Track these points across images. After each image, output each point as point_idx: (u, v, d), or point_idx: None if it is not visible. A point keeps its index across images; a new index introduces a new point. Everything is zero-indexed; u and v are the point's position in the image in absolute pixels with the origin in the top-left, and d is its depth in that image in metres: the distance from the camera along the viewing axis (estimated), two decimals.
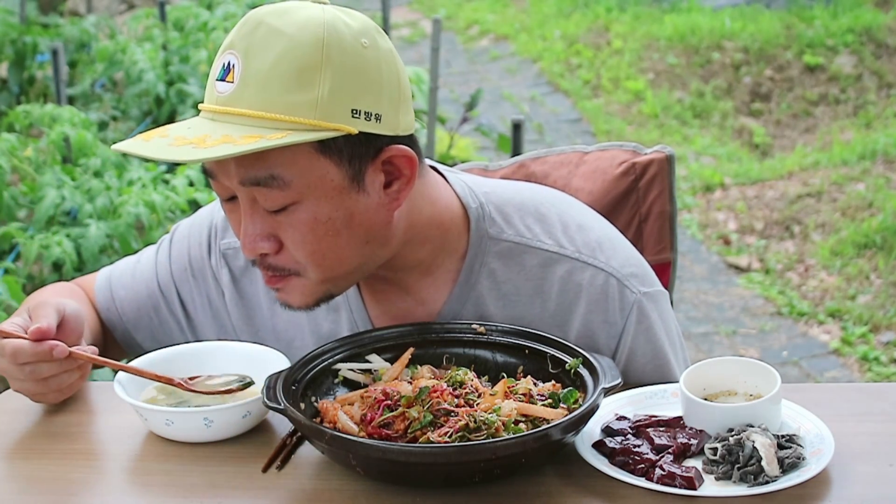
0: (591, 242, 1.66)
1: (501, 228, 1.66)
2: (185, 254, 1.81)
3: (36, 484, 1.47)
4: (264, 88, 1.43)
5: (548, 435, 1.37)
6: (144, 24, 6.54)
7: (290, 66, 1.43)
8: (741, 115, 7.48)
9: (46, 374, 1.57)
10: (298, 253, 1.51)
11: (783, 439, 1.43)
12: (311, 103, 1.43)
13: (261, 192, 1.47)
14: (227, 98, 1.45)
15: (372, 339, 1.63)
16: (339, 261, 1.53)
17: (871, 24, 8.21)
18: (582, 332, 1.63)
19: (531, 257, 1.64)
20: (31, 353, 1.55)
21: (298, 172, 1.46)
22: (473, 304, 1.66)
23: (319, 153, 1.46)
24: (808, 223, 5.69)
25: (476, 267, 1.65)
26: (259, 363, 1.63)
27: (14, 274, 3.62)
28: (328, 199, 1.48)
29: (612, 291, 1.63)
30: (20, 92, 6.32)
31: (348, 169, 1.48)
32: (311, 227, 1.49)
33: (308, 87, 1.43)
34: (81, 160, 4.12)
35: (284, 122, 1.42)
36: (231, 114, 1.44)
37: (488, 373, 1.60)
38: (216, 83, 1.47)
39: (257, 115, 1.43)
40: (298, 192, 1.47)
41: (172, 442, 1.54)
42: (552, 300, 1.64)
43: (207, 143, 1.41)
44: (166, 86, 5.68)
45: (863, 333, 4.67)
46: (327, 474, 1.46)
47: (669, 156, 1.94)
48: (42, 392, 1.60)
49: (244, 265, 1.77)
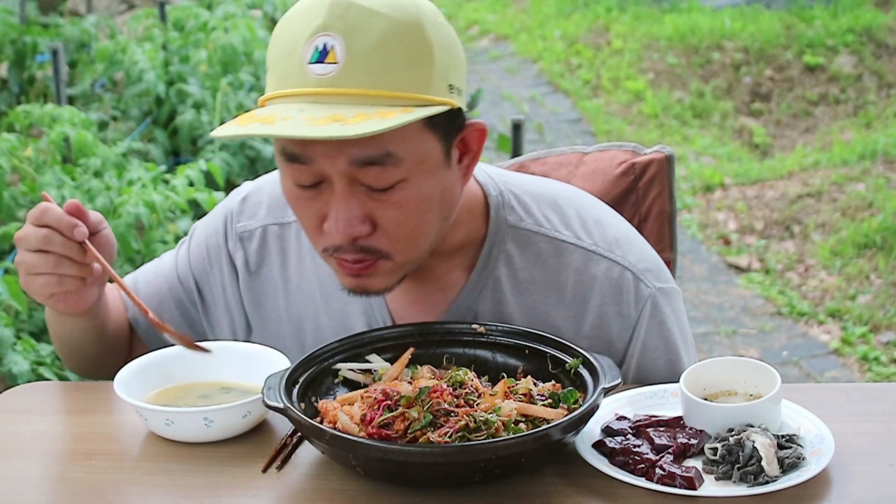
0: (608, 237, 1.67)
1: (520, 217, 1.67)
2: (202, 244, 1.82)
3: (36, 484, 1.47)
4: (377, 68, 1.43)
5: (548, 435, 1.37)
6: (144, 24, 6.53)
7: (397, 44, 1.44)
8: (741, 115, 7.48)
9: (56, 249, 1.55)
10: (397, 232, 1.51)
11: (783, 439, 1.43)
12: (421, 79, 1.45)
13: (371, 172, 1.46)
14: (334, 79, 1.43)
15: (372, 339, 1.63)
16: (427, 239, 1.55)
17: (871, 24, 8.21)
18: (596, 322, 1.64)
19: (549, 246, 1.66)
20: (54, 218, 1.54)
21: (409, 149, 1.47)
22: (491, 291, 1.66)
23: (427, 128, 1.48)
24: (808, 223, 5.69)
25: (494, 253, 1.66)
26: (259, 363, 1.63)
27: (14, 274, 3.61)
28: (430, 175, 1.51)
29: (627, 284, 1.64)
30: (20, 92, 6.32)
31: (444, 143, 1.51)
32: (416, 205, 1.50)
33: (419, 64, 1.45)
34: (81, 160, 4.12)
35: (397, 98, 1.43)
36: (342, 94, 1.43)
37: (488, 373, 1.60)
38: (310, 66, 1.44)
39: (370, 93, 1.43)
40: (407, 169, 1.48)
41: (172, 442, 1.54)
42: (568, 290, 1.65)
43: (349, 121, 1.39)
44: (166, 86, 5.68)
45: (863, 333, 4.67)
46: (327, 474, 1.46)
47: (669, 156, 1.95)
48: (39, 269, 1.57)
49: (259, 248, 1.77)
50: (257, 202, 1.80)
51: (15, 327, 3.41)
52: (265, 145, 5.58)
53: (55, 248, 1.56)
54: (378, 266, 1.54)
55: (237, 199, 1.82)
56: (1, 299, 3.36)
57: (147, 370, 1.64)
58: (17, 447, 1.57)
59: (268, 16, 7.39)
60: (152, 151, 5.41)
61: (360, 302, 1.70)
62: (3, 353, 3.24)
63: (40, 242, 1.55)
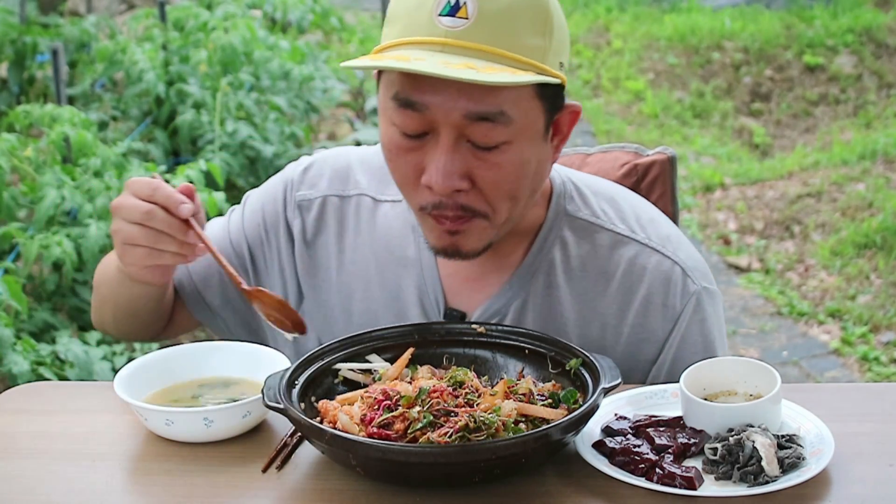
0: (661, 233, 1.72)
1: (578, 207, 1.73)
2: (258, 212, 1.84)
3: (36, 484, 1.47)
4: (504, 29, 1.49)
5: (548, 435, 1.37)
6: (144, 24, 6.53)
7: (525, 10, 1.50)
8: (741, 115, 7.49)
9: (157, 225, 1.58)
10: (492, 193, 1.56)
11: (783, 439, 1.43)
12: (543, 49, 1.51)
13: (481, 128, 1.51)
14: (463, 32, 1.48)
15: (372, 338, 1.63)
16: (517, 206, 1.60)
17: (871, 24, 8.21)
18: (640, 311, 1.68)
19: (603, 237, 1.71)
20: (164, 195, 1.58)
21: (521, 113, 1.52)
22: (544, 274, 1.71)
23: (538, 97, 1.54)
24: (808, 223, 5.69)
25: (550, 238, 1.71)
26: (259, 363, 1.63)
27: (14, 274, 3.62)
28: (532, 142, 1.56)
29: (675, 278, 1.68)
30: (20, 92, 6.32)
31: (548, 117, 1.57)
32: (515, 168, 1.55)
33: (540, 33, 1.51)
34: (81, 160, 4.12)
35: (519, 62, 1.49)
36: (469, 47, 1.48)
37: (488, 373, 1.60)
38: (440, 18, 1.49)
39: (496, 51, 1.48)
40: (514, 132, 1.52)
41: (172, 442, 1.54)
42: (616, 279, 1.69)
43: (482, 70, 1.45)
44: (166, 86, 5.68)
45: (863, 333, 4.67)
46: (327, 474, 1.46)
47: (671, 157, 1.97)
48: (138, 241, 1.60)
49: (317, 217, 1.81)
50: (319, 174, 1.83)
51: (15, 327, 3.41)
52: (265, 145, 5.59)
53: (156, 224, 1.59)
54: (473, 223, 1.59)
55: (298, 170, 1.85)
56: (1, 299, 3.36)
57: (147, 370, 1.64)
58: (17, 447, 1.56)
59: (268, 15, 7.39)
60: (152, 151, 5.41)
61: (414, 276, 1.73)
62: (3, 353, 3.24)
63: (142, 216, 1.59)
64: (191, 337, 4.42)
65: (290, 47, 6.48)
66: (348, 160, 1.84)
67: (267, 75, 6.11)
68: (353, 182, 1.81)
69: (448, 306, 1.73)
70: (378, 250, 1.76)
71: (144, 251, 1.61)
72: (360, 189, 1.81)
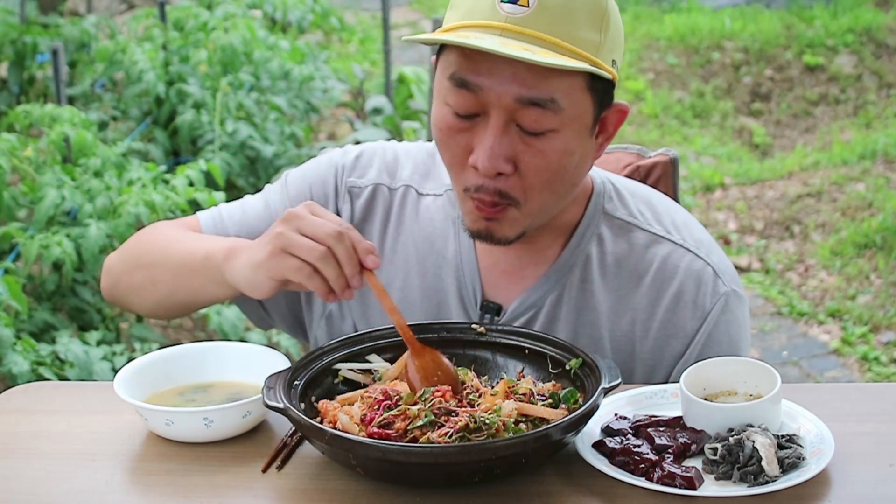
0: (695, 237, 1.76)
1: (616, 206, 1.77)
2: (305, 191, 1.85)
3: (36, 484, 1.47)
4: (561, 19, 1.53)
5: (548, 435, 1.37)
6: (144, 24, 6.53)
7: (583, 5, 1.55)
8: (741, 115, 7.48)
9: (337, 250, 1.51)
10: (534, 179, 1.59)
11: (783, 439, 1.43)
12: (597, 43, 1.56)
13: (531, 113, 1.55)
14: (522, 19, 1.53)
15: (372, 338, 1.63)
16: (555, 197, 1.64)
17: (871, 24, 8.21)
18: (670, 307, 1.70)
19: (639, 236, 1.75)
20: (357, 236, 1.53)
21: (571, 102, 1.56)
22: (580, 268, 1.74)
23: (588, 90, 1.57)
24: (808, 223, 5.69)
25: (588, 234, 1.75)
26: (259, 363, 1.63)
27: (14, 274, 3.61)
28: (578, 135, 1.59)
29: (706, 278, 1.71)
30: (20, 92, 6.32)
31: (596, 112, 1.61)
32: (559, 156, 1.58)
33: (596, 28, 1.56)
34: (81, 160, 4.12)
35: (576, 53, 1.53)
36: (527, 34, 1.52)
37: (488, 373, 1.60)
38: (501, 4, 1.54)
39: (552, 40, 1.52)
40: (563, 121, 1.56)
41: (172, 442, 1.54)
42: (649, 276, 1.72)
43: (538, 52, 1.50)
44: (166, 86, 5.68)
45: (863, 333, 4.67)
46: (327, 474, 1.46)
47: (674, 159, 1.99)
48: (304, 255, 1.51)
49: (365, 204, 1.83)
50: (368, 163, 1.86)
51: (15, 327, 3.41)
52: (265, 145, 5.59)
53: (338, 249, 1.52)
54: (507, 212, 1.62)
55: (349, 157, 1.86)
56: (1, 299, 3.36)
57: (147, 370, 1.64)
58: (17, 447, 1.56)
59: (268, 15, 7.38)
60: (152, 151, 5.41)
61: (453, 268, 1.76)
62: (3, 353, 3.24)
63: (328, 236, 1.51)
64: (191, 337, 4.43)
65: (290, 47, 6.48)
66: (395, 153, 1.87)
67: (267, 75, 6.11)
68: (400, 174, 1.85)
69: (485, 298, 1.76)
70: (419, 242, 1.79)
71: (303, 268, 1.52)
72: (406, 181, 1.84)
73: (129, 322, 4.13)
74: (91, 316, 4.00)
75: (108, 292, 1.89)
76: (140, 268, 1.81)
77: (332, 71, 7.17)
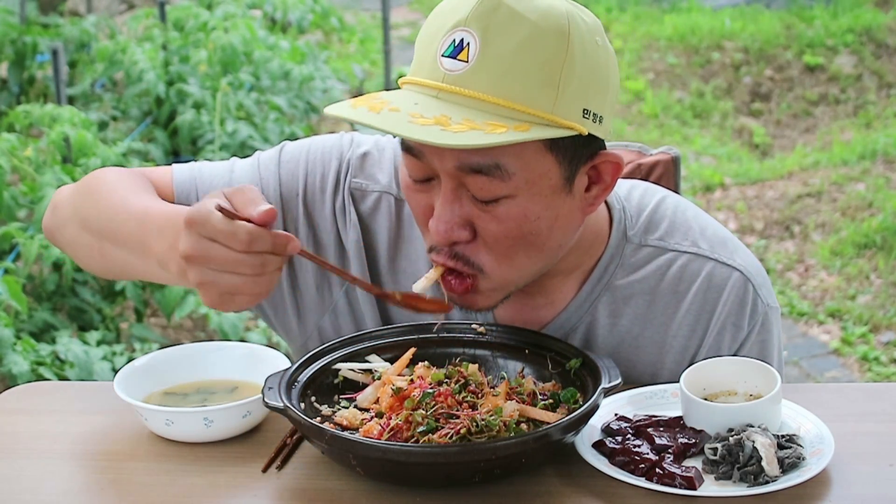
0: (727, 244, 1.67)
1: (640, 231, 1.66)
2: (300, 178, 1.71)
3: (36, 484, 1.47)
4: (505, 75, 1.38)
5: (548, 435, 1.37)
6: (144, 24, 6.53)
7: (534, 55, 1.39)
8: (741, 115, 7.48)
9: (271, 269, 1.37)
10: (494, 246, 1.47)
11: (783, 439, 1.43)
12: (551, 98, 1.39)
13: (476, 180, 1.42)
14: (459, 77, 1.39)
15: (372, 338, 1.63)
16: (529, 261, 1.50)
17: (871, 24, 8.21)
18: (718, 328, 1.63)
19: (669, 259, 1.65)
20: (270, 242, 1.35)
21: (522, 166, 1.42)
22: (606, 304, 1.64)
23: (547, 150, 1.43)
24: (808, 223, 5.69)
25: (611, 268, 1.65)
26: (259, 363, 1.63)
27: (14, 274, 3.62)
28: (542, 197, 1.45)
29: (748, 297, 1.63)
30: (20, 92, 6.32)
31: (566, 169, 1.46)
32: (518, 223, 1.46)
33: (550, 81, 1.39)
34: (81, 160, 4.12)
35: (523, 112, 1.38)
36: (463, 94, 1.39)
37: (489, 373, 1.60)
38: (442, 59, 1.41)
39: (494, 100, 1.38)
40: (516, 186, 1.43)
41: (172, 442, 1.54)
42: (688, 299, 1.64)
43: (452, 126, 1.35)
44: (166, 86, 5.68)
45: (863, 333, 4.67)
46: (327, 474, 1.46)
47: (675, 157, 1.95)
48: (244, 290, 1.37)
49: (370, 211, 1.70)
50: (378, 165, 1.72)
51: (15, 327, 3.41)
52: (265, 145, 5.58)
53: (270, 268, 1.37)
54: (477, 284, 1.51)
55: (357, 153, 1.72)
56: (1, 299, 3.36)
57: (147, 370, 1.64)
58: (17, 447, 1.56)
59: (268, 15, 7.39)
60: (152, 151, 5.41)
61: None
62: (3, 353, 3.24)
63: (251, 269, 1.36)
64: (191, 337, 4.42)
65: (290, 47, 6.48)
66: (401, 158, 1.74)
67: (267, 75, 6.11)
68: None
69: None
70: (426, 259, 1.64)
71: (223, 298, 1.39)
72: None
73: (129, 322, 4.13)
74: (91, 316, 4.00)
75: (49, 233, 1.72)
76: (87, 231, 1.64)
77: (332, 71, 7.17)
